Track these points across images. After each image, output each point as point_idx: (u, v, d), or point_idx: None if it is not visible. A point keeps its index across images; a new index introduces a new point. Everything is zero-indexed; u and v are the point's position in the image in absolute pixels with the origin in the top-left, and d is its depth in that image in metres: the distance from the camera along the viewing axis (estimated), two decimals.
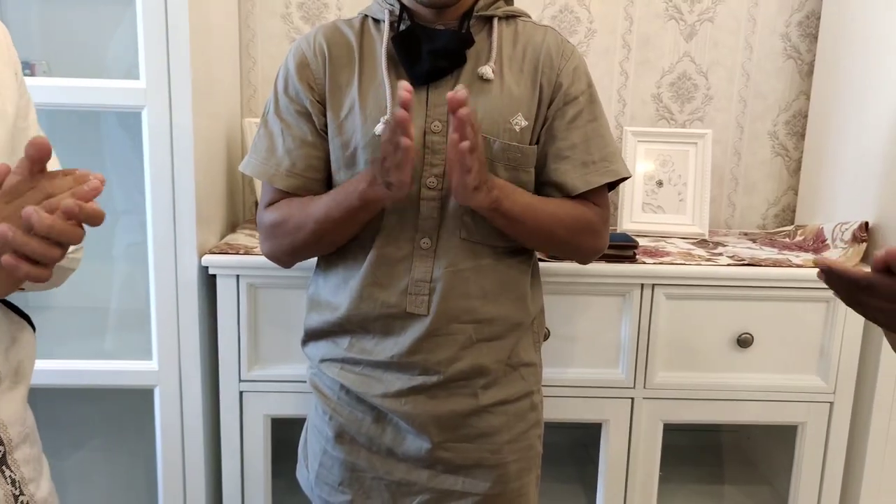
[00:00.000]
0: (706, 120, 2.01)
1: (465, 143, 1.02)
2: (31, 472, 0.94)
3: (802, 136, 2.02)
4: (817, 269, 0.75)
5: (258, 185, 1.76)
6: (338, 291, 1.27)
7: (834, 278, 0.73)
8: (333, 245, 1.23)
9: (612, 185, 1.28)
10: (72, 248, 0.77)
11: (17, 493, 0.92)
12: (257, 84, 1.93)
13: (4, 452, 0.91)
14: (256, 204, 1.83)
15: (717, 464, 2.07)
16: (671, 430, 1.71)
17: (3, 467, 0.90)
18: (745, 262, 1.62)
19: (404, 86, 1.00)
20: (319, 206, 1.17)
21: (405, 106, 0.99)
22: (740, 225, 2.07)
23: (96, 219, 0.74)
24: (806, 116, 2.01)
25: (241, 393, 1.62)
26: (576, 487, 1.88)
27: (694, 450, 2.07)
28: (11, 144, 0.88)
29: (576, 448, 1.99)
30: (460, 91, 0.99)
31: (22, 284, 0.81)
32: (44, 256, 0.73)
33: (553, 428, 1.60)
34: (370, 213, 1.16)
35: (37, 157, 0.72)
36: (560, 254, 1.37)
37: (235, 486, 1.65)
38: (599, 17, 1.95)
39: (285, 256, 1.26)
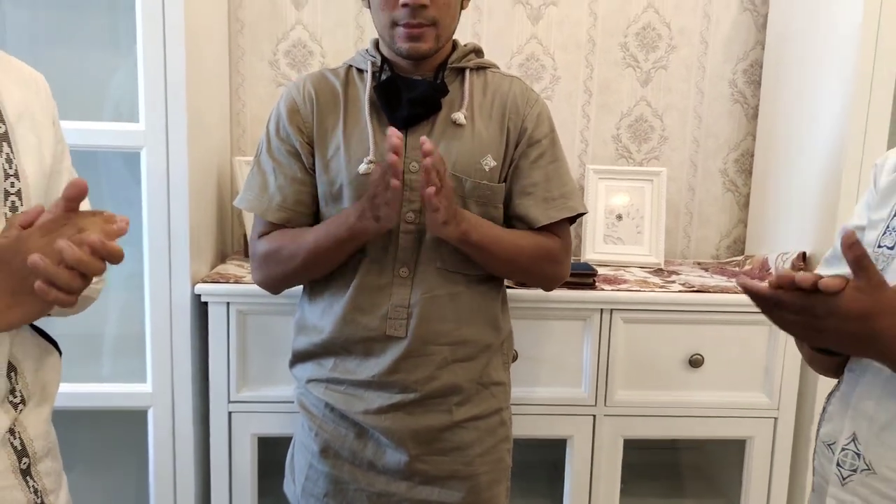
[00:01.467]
0: (662, 159, 2.14)
1: (430, 189, 1.13)
2: (51, 484, 1.02)
3: (750, 173, 2.17)
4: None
5: (247, 219, 1.86)
6: (323, 316, 1.36)
7: (752, 296, 0.84)
8: (321, 273, 1.32)
9: (573, 220, 1.39)
10: (95, 279, 0.86)
11: (38, 501, 1.00)
12: (246, 124, 2.04)
13: (29, 464, 0.99)
14: (245, 236, 1.93)
15: (676, 478, 2.18)
16: (632, 448, 1.82)
17: (28, 477, 0.98)
18: (695, 289, 1.75)
19: (395, 133, 1.11)
20: (310, 238, 1.27)
21: (395, 151, 1.11)
22: (695, 255, 2.20)
23: (117, 257, 0.83)
24: (753, 155, 2.15)
25: (230, 413, 1.70)
26: (545, 502, 1.97)
27: (654, 466, 2.17)
28: (46, 186, 0.97)
29: (545, 465, 2.08)
30: (427, 143, 1.11)
31: (50, 311, 0.90)
32: (70, 285, 0.82)
33: (523, 446, 1.70)
34: (357, 244, 1.26)
35: (74, 196, 0.82)
36: (525, 280, 1.47)
37: (224, 502, 1.72)
38: (563, 65, 2.08)
39: (276, 283, 1.36)
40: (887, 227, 0.94)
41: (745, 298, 1.57)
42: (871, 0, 1.61)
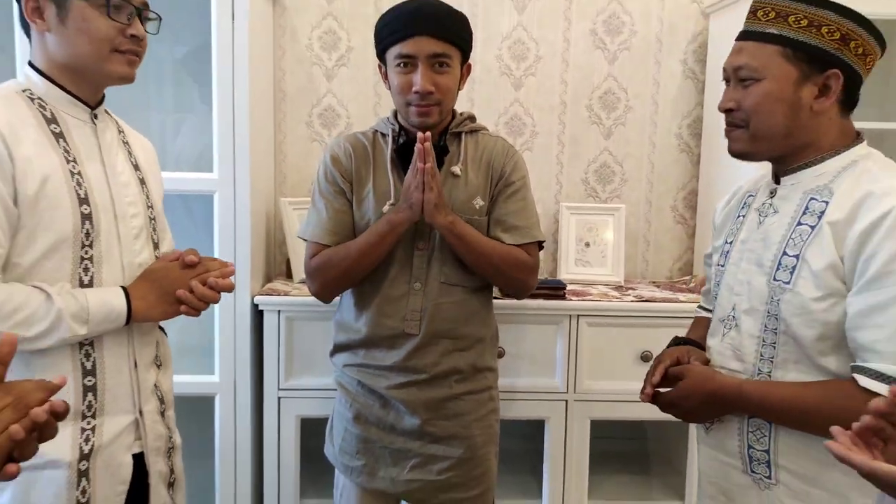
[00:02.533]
0: (622, 197, 2.61)
1: (428, 165, 1.59)
2: (173, 427, 1.48)
3: (696, 208, 2.63)
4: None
5: (290, 250, 2.32)
6: (357, 319, 1.80)
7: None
8: (368, 267, 1.72)
9: (541, 246, 1.84)
10: None
11: (170, 436, 1.45)
12: (287, 172, 2.51)
13: (164, 410, 1.44)
14: (287, 261, 2.38)
15: (640, 462, 2.60)
16: (602, 438, 2.24)
17: (164, 418, 1.43)
18: (645, 300, 2.20)
19: (424, 136, 1.58)
20: (359, 240, 1.71)
21: (423, 147, 1.57)
22: (652, 276, 2.66)
23: (228, 290, 1.33)
24: (697, 194, 2.62)
25: (279, 398, 2.14)
26: (528, 477, 2.39)
27: (622, 453, 2.60)
28: (153, 226, 1.45)
29: (528, 450, 2.50)
30: (426, 139, 1.57)
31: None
32: (198, 308, 1.32)
33: (511, 433, 2.13)
34: (395, 236, 1.68)
35: (195, 262, 1.32)
36: (498, 280, 1.85)
37: (273, 468, 2.16)
38: (540, 123, 2.56)
39: (331, 288, 1.77)
40: (722, 251, 1.41)
41: (682, 307, 2.03)
42: None
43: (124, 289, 1.33)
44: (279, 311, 2.11)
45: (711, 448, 1.38)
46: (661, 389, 1.40)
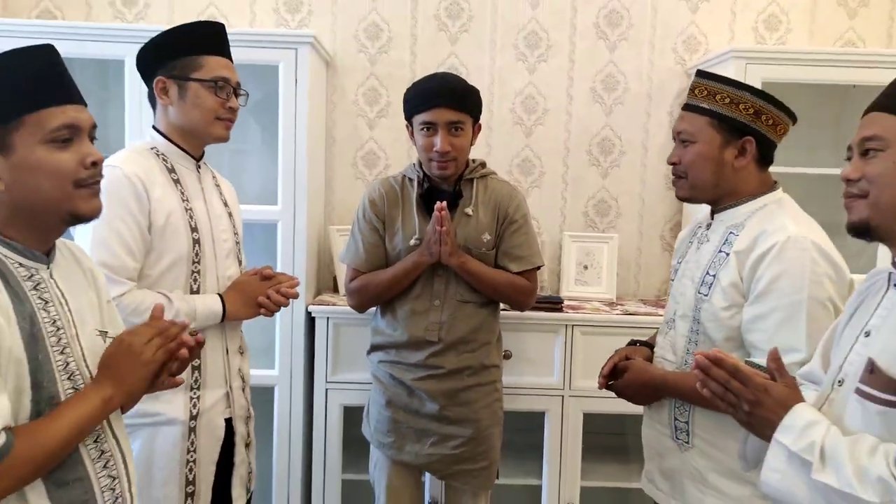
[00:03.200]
0: (617, 228, 3.05)
1: (444, 228, 2.06)
2: (250, 401, 1.96)
3: None
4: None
5: (337, 269, 2.80)
6: (388, 327, 2.26)
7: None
8: (393, 294, 2.21)
9: (538, 268, 2.30)
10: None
11: (248, 407, 1.93)
12: (335, 204, 3.01)
13: (244, 387, 1.92)
14: (334, 278, 2.87)
15: (624, 450, 3.00)
16: (593, 432, 2.65)
17: (244, 393, 1.92)
18: (629, 313, 2.64)
19: (440, 207, 2.05)
20: (389, 272, 2.19)
21: (441, 216, 2.04)
22: (643, 295, 3.08)
23: (294, 298, 1.84)
24: (681, 226, 3.04)
25: (326, 390, 2.62)
26: (531, 460, 2.82)
27: (609, 443, 3.00)
28: (238, 248, 1.94)
29: (531, 438, 2.93)
30: (442, 209, 2.05)
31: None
32: (272, 310, 1.80)
33: (515, 422, 2.56)
34: (418, 272, 2.16)
35: (271, 275, 1.81)
36: (502, 299, 2.32)
37: (320, 445, 2.63)
38: (547, 164, 3.02)
39: (365, 305, 2.27)
40: (674, 268, 1.85)
41: (661, 319, 2.44)
42: None
43: (220, 296, 1.82)
44: (328, 318, 2.59)
45: (651, 420, 1.82)
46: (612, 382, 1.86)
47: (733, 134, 1.69)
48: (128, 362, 1.24)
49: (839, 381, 1.25)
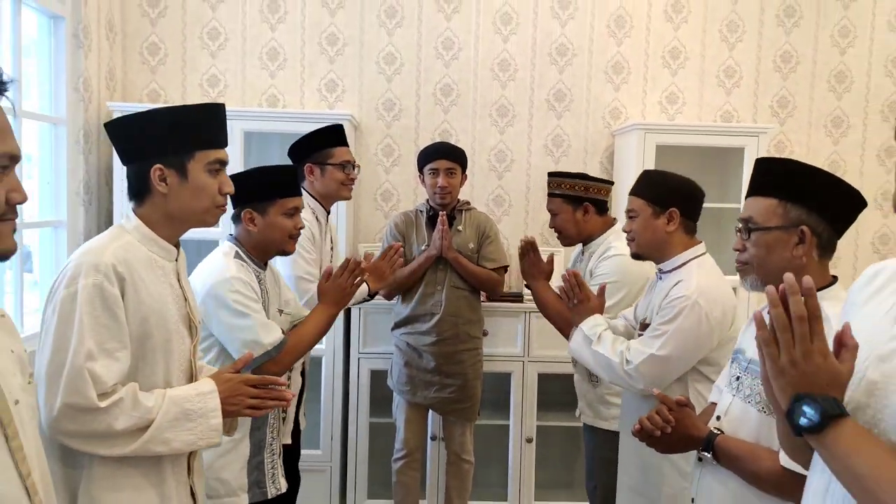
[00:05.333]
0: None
1: (444, 228, 3.17)
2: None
3: None
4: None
5: None
6: (407, 307, 3.35)
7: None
8: (411, 281, 3.29)
9: (505, 269, 3.39)
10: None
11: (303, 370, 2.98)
12: (361, 228, 4.07)
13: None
14: None
15: (570, 402, 4.05)
16: (549, 380, 3.73)
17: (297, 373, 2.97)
18: None
19: (443, 220, 3.15)
20: (408, 267, 3.26)
21: (443, 224, 3.14)
22: None
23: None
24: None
25: (358, 358, 3.67)
26: (501, 407, 3.87)
27: (559, 395, 4.06)
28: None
29: (501, 392, 3.98)
30: (444, 218, 3.15)
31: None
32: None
33: (490, 381, 3.62)
34: (428, 264, 3.25)
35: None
36: (480, 287, 3.41)
37: (354, 398, 3.68)
38: (514, 199, 4.11)
39: (394, 292, 3.34)
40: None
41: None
42: None
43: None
44: (360, 308, 3.65)
45: (577, 370, 2.90)
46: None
47: (577, 203, 2.89)
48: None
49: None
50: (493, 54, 4.04)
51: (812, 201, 1.58)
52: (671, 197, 2.24)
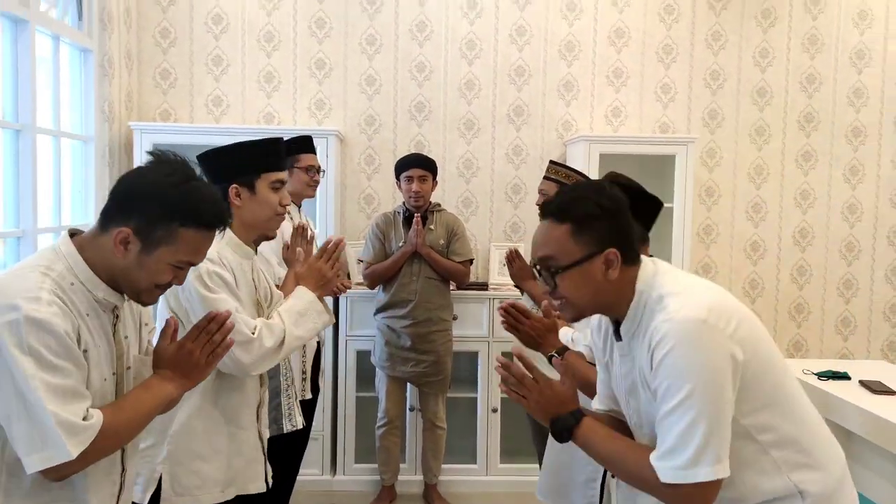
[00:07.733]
0: (525, 240, 4.66)
1: (419, 228, 3.71)
2: None
3: None
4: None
5: (351, 266, 4.37)
6: (387, 294, 3.88)
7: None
8: (390, 274, 3.82)
9: (470, 262, 3.91)
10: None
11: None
12: (347, 227, 4.58)
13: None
14: (348, 273, 4.43)
15: None
16: (511, 358, 4.23)
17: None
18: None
19: (418, 222, 3.67)
20: (388, 261, 3.81)
21: (418, 226, 3.66)
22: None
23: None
24: None
25: (346, 340, 4.19)
26: (470, 381, 4.38)
27: None
28: None
29: (470, 368, 4.49)
30: (419, 220, 3.68)
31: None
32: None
33: (460, 359, 4.14)
34: (404, 259, 3.79)
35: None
36: (450, 278, 3.94)
37: (342, 374, 4.20)
38: (481, 202, 4.63)
39: (375, 282, 3.88)
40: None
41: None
42: None
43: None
44: (347, 297, 4.15)
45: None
46: None
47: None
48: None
49: None
50: (460, 75, 4.57)
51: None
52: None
